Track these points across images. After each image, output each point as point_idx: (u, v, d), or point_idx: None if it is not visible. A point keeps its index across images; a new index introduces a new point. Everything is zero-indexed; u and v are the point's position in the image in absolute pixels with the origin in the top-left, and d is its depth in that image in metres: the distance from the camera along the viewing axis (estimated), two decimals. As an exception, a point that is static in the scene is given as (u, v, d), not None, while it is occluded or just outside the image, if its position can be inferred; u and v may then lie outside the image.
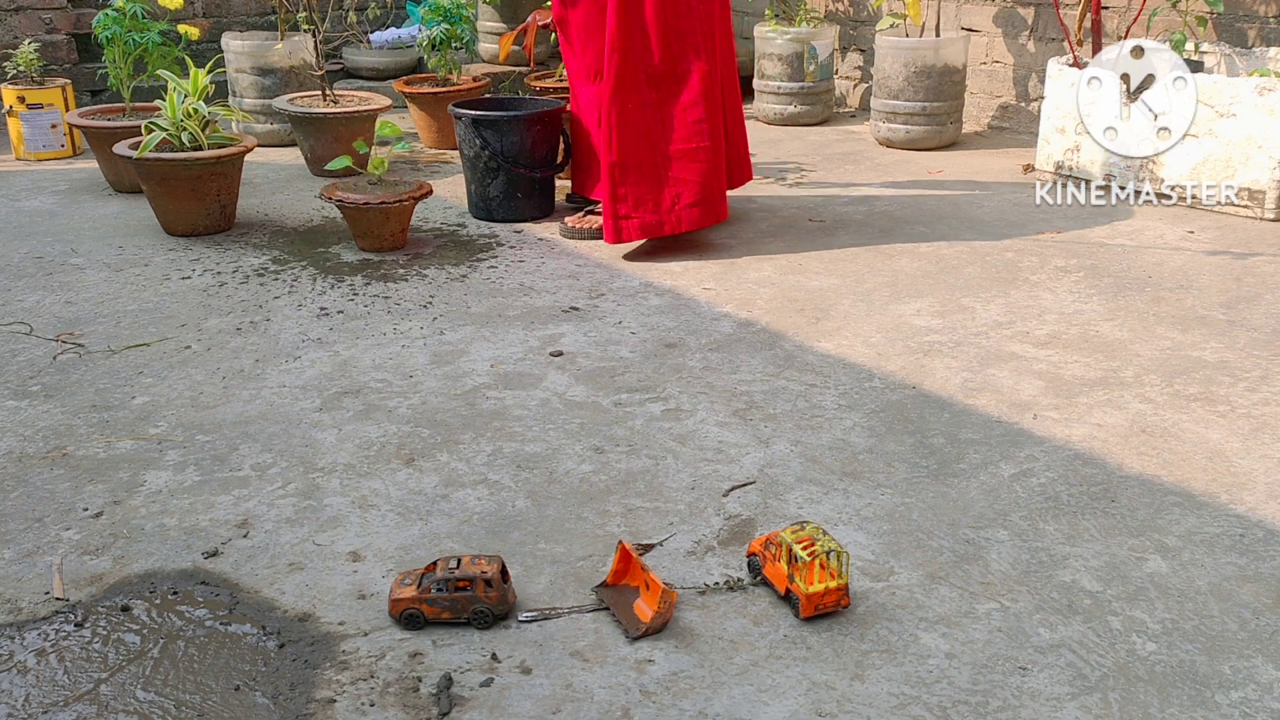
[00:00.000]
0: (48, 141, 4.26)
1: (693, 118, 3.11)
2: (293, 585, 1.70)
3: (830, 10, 5.20)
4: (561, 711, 1.45)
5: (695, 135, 3.11)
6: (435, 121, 4.42)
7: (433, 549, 1.79)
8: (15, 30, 4.82)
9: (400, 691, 1.48)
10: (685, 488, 1.97)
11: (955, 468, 2.03)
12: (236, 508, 1.91)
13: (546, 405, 2.28)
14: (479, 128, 3.41)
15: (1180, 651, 1.55)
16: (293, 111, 3.98)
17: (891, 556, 1.77)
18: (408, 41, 5.17)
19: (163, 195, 3.32)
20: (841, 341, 2.58)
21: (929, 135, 4.37)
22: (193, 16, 5.16)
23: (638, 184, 3.12)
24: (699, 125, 3.11)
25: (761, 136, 4.67)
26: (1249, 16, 3.92)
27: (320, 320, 2.72)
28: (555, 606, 1.65)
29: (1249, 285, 2.92)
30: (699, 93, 3.09)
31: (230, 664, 1.54)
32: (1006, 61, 4.64)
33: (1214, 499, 1.92)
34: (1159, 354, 2.51)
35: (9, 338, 2.63)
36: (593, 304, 2.82)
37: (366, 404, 2.28)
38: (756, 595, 1.68)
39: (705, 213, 3.18)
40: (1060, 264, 3.09)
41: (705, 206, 3.17)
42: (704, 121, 3.11)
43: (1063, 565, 1.75)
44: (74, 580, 1.72)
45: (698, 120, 3.11)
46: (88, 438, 2.15)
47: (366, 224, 3.19)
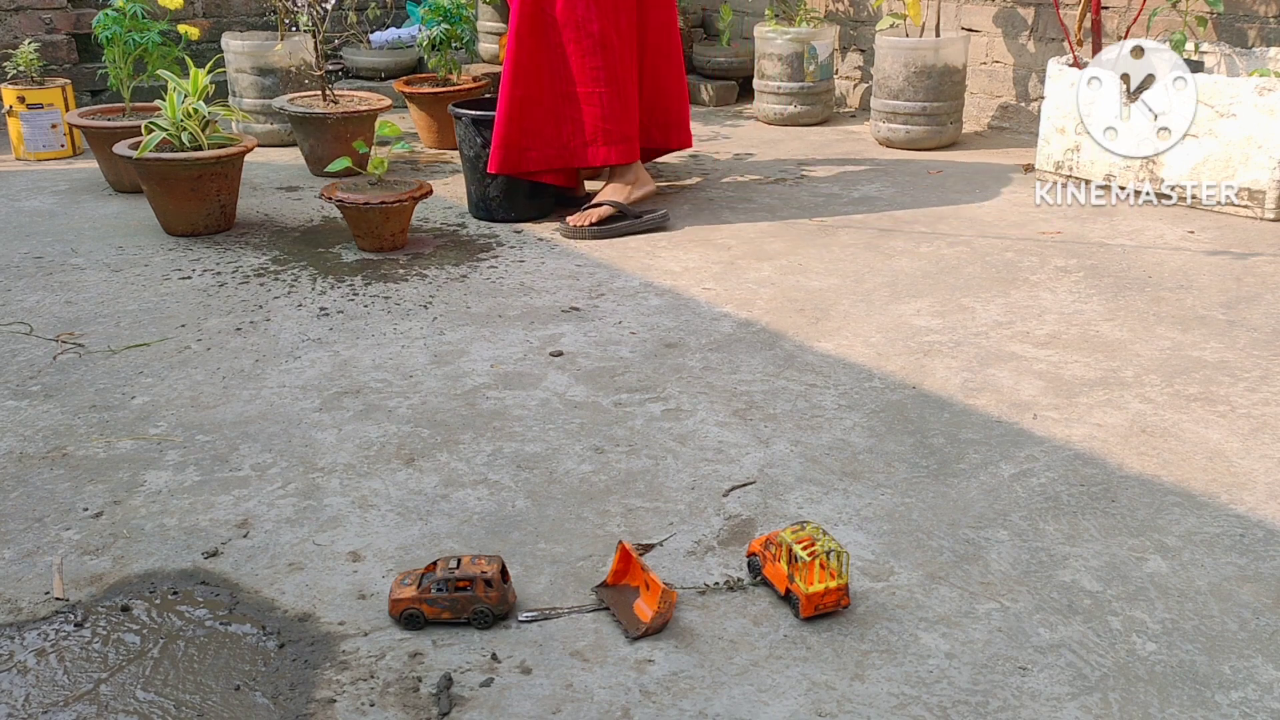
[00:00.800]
0: (48, 141, 4.26)
1: (591, 64, 3.32)
2: (293, 585, 1.70)
3: (830, 10, 5.20)
4: (561, 711, 1.45)
5: (593, 80, 3.33)
6: (435, 121, 4.42)
7: (433, 549, 1.79)
8: (15, 30, 4.82)
9: (400, 691, 1.48)
10: (685, 488, 1.97)
11: (955, 468, 2.03)
12: (236, 508, 1.91)
13: (546, 405, 2.28)
14: (479, 128, 3.41)
15: (1180, 651, 1.55)
16: (293, 111, 3.98)
17: (891, 556, 1.77)
18: (408, 41, 5.17)
19: (163, 195, 3.32)
20: (841, 341, 2.58)
21: (929, 135, 4.37)
22: (193, 16, 5.16)
23: (537, 118, 3.35)
24: (597, 72, 3.32)
25: (761, 136, 4.67)
26: (1249, 16, 3.92)
27: (320, 320, 2.72)
28: (555, 606, 1.65)
29: (1249, 285, 2.92)
30: (598, 42, 3.30)
31: (230, 664, 1.54)
32: (1006, 61, 4.65)
33: (1214, 499, 1.92)
34: (1159, 354, 2.51)
35: (9, 338, 2.63)
36: (593, 304, 2.82)
37: (366, 404, 2.28)
38: (756, 595, 1.68)
39: (607, 152, 3.40)
40: (1060, 264, 3.09)
41: (606, 146, 3.39)
42: (602, 69, 3.32)
43: (1063, 565, 1.75)
44: (74, 580, 1.72)
45: (596, 67, 3.32)
46: (88, 438, 2.15)
47: (366, 224, 3.19)
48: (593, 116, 3.36)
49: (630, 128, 3.43)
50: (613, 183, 3.53)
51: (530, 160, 3.38)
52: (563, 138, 3.38)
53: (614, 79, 3.34)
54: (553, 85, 3.35)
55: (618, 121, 3.38)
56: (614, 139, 3.39)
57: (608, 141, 3.39)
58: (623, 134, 3.40)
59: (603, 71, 3.32)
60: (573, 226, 3.34)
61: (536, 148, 3.37)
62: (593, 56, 3.31)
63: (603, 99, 3.34)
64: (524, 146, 3.36)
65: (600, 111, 3.35)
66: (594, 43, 3.30)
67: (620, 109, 3.38)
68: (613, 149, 3.40)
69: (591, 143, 3.38)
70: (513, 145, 3.35)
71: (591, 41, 3.30)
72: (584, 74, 3.32)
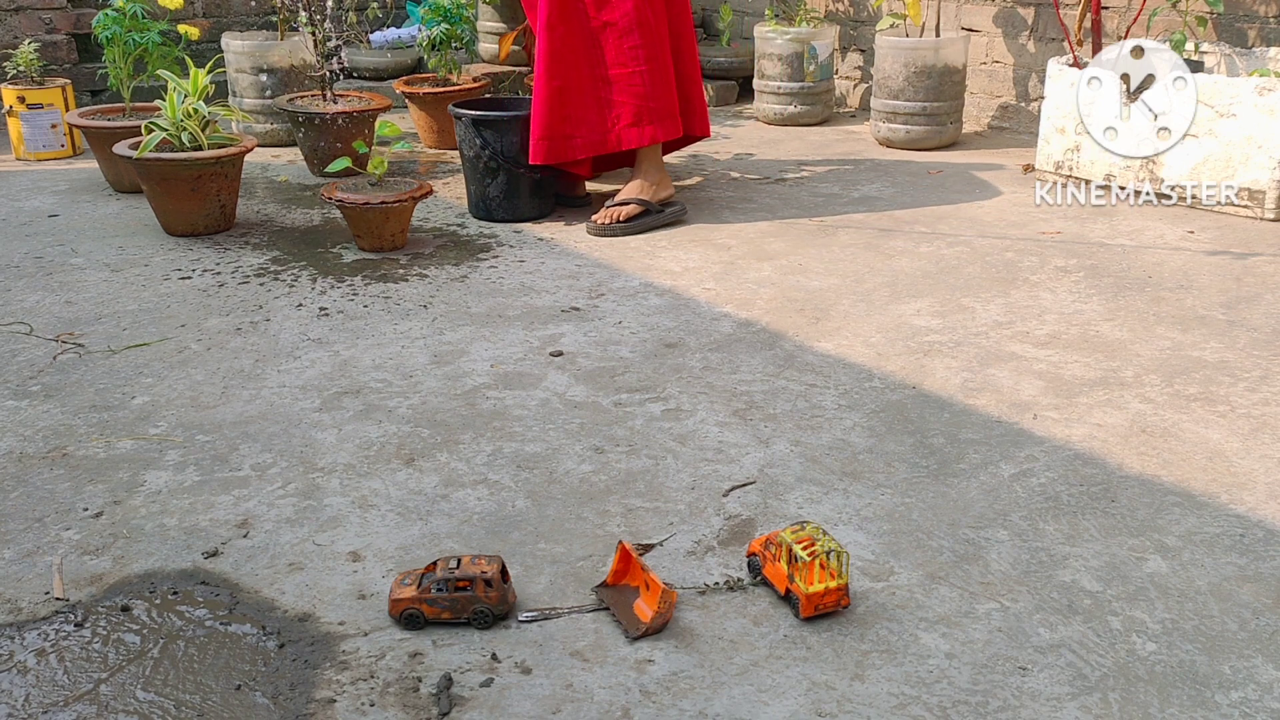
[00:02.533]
0: (48, 141, 4.26)
1: (629, 44, 3.27)
2: (293, 585, 1.70)
3: (830, 10, 5.20)
4: (561, 711, 1.45)
5: (632, 60, 3.29)
6: (435, 121, 4.42)
7: (433, 549, 1.79)
8: (15, 30, 4.82)
9: (400, 691, 1.48)
10: (685, 488, 1.97)
11: (955, 468, 2.03)
12: (236, 508, 1.91)
13: (546, 405, 2.28)
14: (479, 128, 3.41)
15: (1180, 651, 1.55)
16: (293, 111, 3.98)
17: (891, 556, 1.77)
18: (408, 41, 5.17)
19: (163, 195, 3.32)
20: (841, 341, 2.58)
21: (929, 135, 4.37)
22: (193, 16, 5.16)
23: (579, 105, 3.30)
24: (635, 51, 3.28)
25: (761, 136, 4.67)
26: (1249, 16, 3.92)
27: (320, 320, 2.72)
28: (555, 606, 1.65)
29: (1249, 285, 2.92)
30: (634, 20, 3.26)
31: (230, 664, 1.54)
32: (1006, 61, 4.65)
33: (1214, 499, 1.92)
34: (1159, 354, 2.51)
35: (9, 338, 2.63)
36: (593, 304, 2.82)
37: (366, 404, 2.28)
38: (756, 595, 1.68)
39: (654, 130, 3.35)
40: (1060, 264, 3.09)
41: (651, 125, 3.35)
42: (640, 48, 3.28)
43: (1063, 565, 1.75)
44: (74, 580, 1.72)
45: (634, 46, 3.28)
46: (88, 438, 2.15)
47: (366, 224, 3.19)
48: (635, 96, 3.32)
49: (672, 104, 3.39)
50: (637, 179, 3.47)
51: (575, 148, 3.35)
52: (606, 122, 3.34)
53: (652, 56, 3.31)
54: (591, 70, 3.31)
55: (660, 99, 3.34)
56: (659, 116, 3.35)
57: (652, 120, 3.34)
58: (667, 110, 3.37)
59: (641, 50, 3.28)
60: (601, 225, 3.33)
61: (581, 134, 3.34)
62: (629, 36, 3.27)
63: (644, 77, 3.30)
64: (567, 134, 3.33)
65: (642, 90, 3.31)
66: (630, 21, 3.26)
67: (662, 86, 3.34)
68: (658, 126, 3.35)
69: (636, 123, 3.34)
70: (556, 135, 3.32)
71: (628, 21, 3.26)
72: (622, 55, 3.29)
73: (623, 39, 3.28)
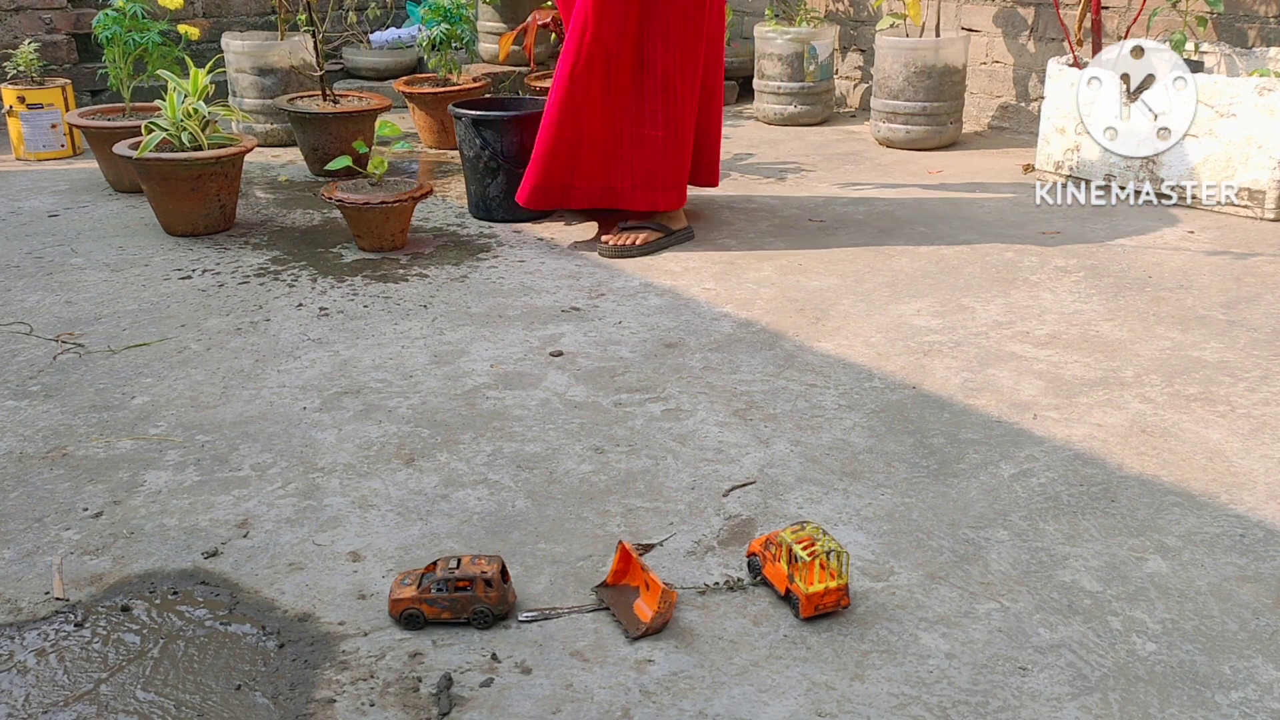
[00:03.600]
0: (48, 141, 4.26)
1: (649, 107, 3.15)
2: (293, 585, 1.70)
3: (830, 10, 5.20)
4: (561, 711, 1.45)
5: (651, 123, 3.16)
6: (435, 121, 4.42)
7: (433, 549, 1.79)
8: (15, 30, 4.82)
9: (400, 691, 1.48)
10: (685, 488, 1.97)
11: (955, 468, 2.03)
12: (236, 508, 1.91)
13: (546, 405, 2.28)
14: (479, 128, 3.41)
15: (1180, 651, 1.55)
16: (293, 111, 3.98)
17: (891, 556, 1.77)
18: (408, 41, 5.17)
19: (163, 195, 3.32)
20: (841, 341, 2.58)
21: (929, 135, 4.37)
22: (193, 16, 5.16)
23: (588, 160, 3.18)
24: (655, 115, 3.16)
25: (761, 136, 4.67)
26: (1249, 16, 3.92)
27: (320, 320, 2.72)
28: (555, 606, 1.65)
29: (1249, 285, 2.92)
30: (661, 84, 3.13)
31: (230, 664, 1.54)
32: (1006, 61, 4.65)
33: (1214, 499, 1.92)
34: (1159, 354, 2.51)
35: (9, 338, 2.63)
36: (593, 304, 2.82)
37: (366, 404, 2.28)
38: (756, 595, 1.68)
39: (656, 198, 3.22)
40: (1060, 264, 3.09)
41: (656, 192, 3.22)
42: (661, 112, 3.16)
43: (1063, 565, 1.75)
44: (74, 580, 1.72)
45: (654, 110, 3.16)
46: (87, 438, 2.15)
47: (366, 224, 3.19)
48: (645, 160, 3.18)
49: (682, 175, 3.25)
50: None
51: (573, 199, 3.25)
52: (610, 179, 3.22)
53: (671, 121, 3.17)
54: (606, 125, 3.16)
55: (670, 167, 3.21)
56: (666, 185, 3.22)
57: (660, 187, 3.21)
58: (675, 180, 3.23)
59: (661, 114, 3.15)
60: (615, 246, 3.19)
61: (582, 186, 3.23)
62: (653, 98, 3.13)
63: (659, 143, 3.17)
64: (568, 185, 3.22)
65: (655, 156, 3.18)
66: (657, 84, 3.12)
67: (675, 155, 3.21)
68: (660, 195, 3.22)
69: (640, 187, 3.21)
70: (556, 186, 3.21)
71: (655, 83, 3.12)
72: (641, 115, 3.15)
73: (646, 100, 3.13)
